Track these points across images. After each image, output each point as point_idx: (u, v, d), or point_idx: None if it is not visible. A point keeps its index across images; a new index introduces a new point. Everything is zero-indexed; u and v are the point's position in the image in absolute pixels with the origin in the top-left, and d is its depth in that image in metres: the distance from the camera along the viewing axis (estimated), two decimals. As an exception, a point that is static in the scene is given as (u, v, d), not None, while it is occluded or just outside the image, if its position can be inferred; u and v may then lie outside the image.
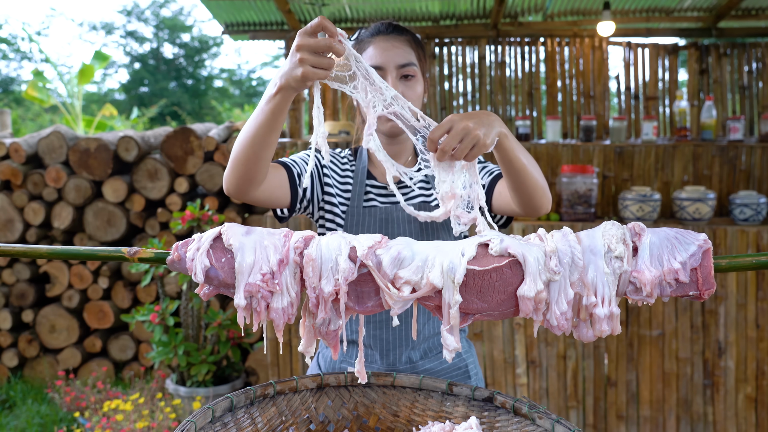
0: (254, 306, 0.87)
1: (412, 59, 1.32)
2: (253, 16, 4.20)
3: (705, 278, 0.86)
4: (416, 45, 1.35)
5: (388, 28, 1.35)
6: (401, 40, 1.33)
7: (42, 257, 0.93)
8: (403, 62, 1.30)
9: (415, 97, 1.31)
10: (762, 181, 3.37)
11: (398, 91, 1.28)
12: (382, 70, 1.30)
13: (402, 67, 1.30)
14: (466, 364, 1.40)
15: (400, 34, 1.34)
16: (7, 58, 15.49)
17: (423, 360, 1.36)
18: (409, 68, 1.30)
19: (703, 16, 4.10)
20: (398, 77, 1.30)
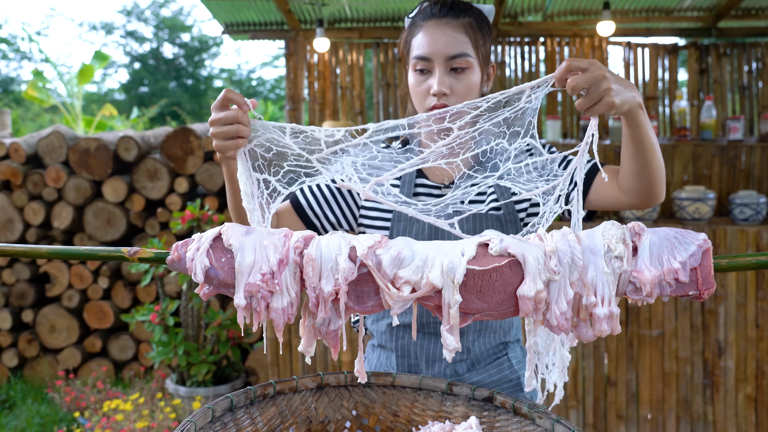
0: (254, 306, 0.87)
1: (466, 49, 1.15)
2: (253, 16, 4.19)
3: (705, 278, 0.86)
4: (476, 28, 1.18)
5: (443, 9, 1.18)
6: (455, 26, 1.16)
7: (42, 257, 0.93)
8: (453, 53, 1.15)
9: (465, 90, 1.16)
10: (762, 181, 3.37)
11: (445, 84, 1.14)
12: (429, 62, 1.16)
13: (451, 59, 1.15)
14: (518, 375, 1.27)
15: (456, 16, 1.17)
16: (7, 58, 15.49)
17: (470, 372, 1.25)
18: (460, 60, 1.15)
19: (702, 16, 4.10)
20: (447, 70, 1.16)
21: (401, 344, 1.26)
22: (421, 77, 1.18)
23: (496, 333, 1.27)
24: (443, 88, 1.15)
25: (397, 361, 1.27)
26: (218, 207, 3.86)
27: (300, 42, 4.03)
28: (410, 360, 1.26)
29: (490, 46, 1.23)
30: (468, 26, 1.17)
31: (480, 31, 1.19)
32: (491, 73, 1.25)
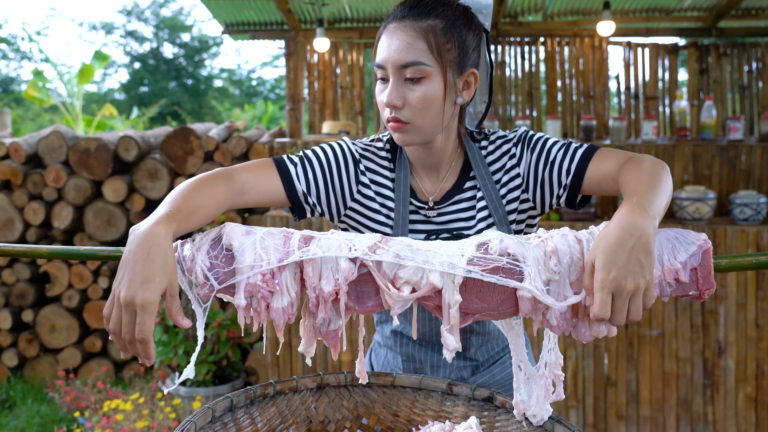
0: (254, 306, 0.87)
1: (420, 57, 1.01)
2: (253, 15, 4.20)
3: (705, 278, 0.86)
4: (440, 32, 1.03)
5: (404, 11, 1.05)
6: (413, 30, 1.02)
7: (42, 257, 0.93)
8: (404, 62, 1.02)
9: (419, 104, 1.03)
10: (762, 181, 3.37)
11: (396, 95, 1.03)
12: (384, 70, 1.05)
13: (403, 68, 1.02)
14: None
15: (418, 19, 1.03)
16: (7, 58, 15.49)
17: (474, 376, 1.24)
18: (413, 69, 1.02)
19: (703, 15, 4.10)
20: (400, 80, 1.04)
21: (405, 350, 1.25)
22: (381, 86, 1.07)
23: (497, 339, 1.26)
24: (393, 100, 1.03)
25: (403, 364, 1.27)
26: (218, 207, 3.86)
27: (300, 42, 4.03)
28: (415, 364, 1.25)
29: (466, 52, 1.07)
30: (429, 30, 1.02)
31: (446, 35, 1.03)
32: (471, 81, 1.09)
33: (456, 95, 1.08)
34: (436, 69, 1.03)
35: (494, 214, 1.11)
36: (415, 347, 1.24)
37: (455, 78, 1.07)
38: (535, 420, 0.96)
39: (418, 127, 1.06)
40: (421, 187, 1.16)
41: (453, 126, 1.13)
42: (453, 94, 1.07)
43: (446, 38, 1.04)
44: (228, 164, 3.85)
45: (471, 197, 1.14)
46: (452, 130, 1.14)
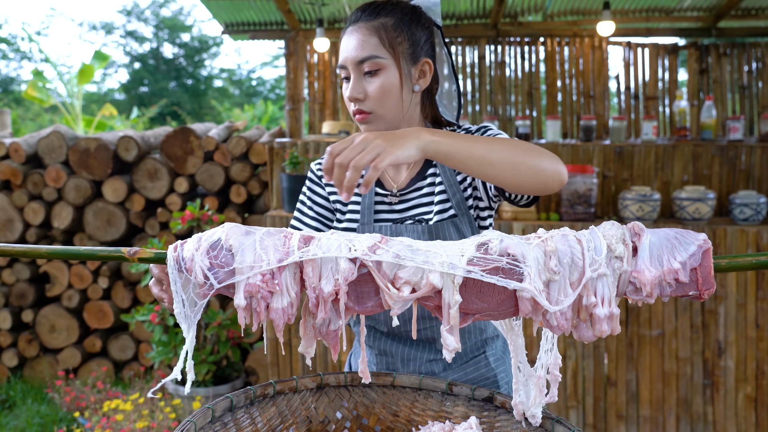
0: (254, 306, 0.87)
1: (374, 51, 1.14)
2: (253, 16, 4.19)
3: (705, 278, 0.86)
4: (391, 28, 1.15)
5: (358, 14, 1.18)
6: (366, 29, 1.15)
7: (42, 257, 0.93)
8: (361, 57, 1.14)
9: (379, 94, 1.15)
10: (762, 181, 3.37)
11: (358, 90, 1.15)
12: (345, 69, 1.17)
13: (360, 63, 1.14)
14: (495, 374, 1.28)
15: (369, 19, 1.16)
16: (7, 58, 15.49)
17: (446, 371, 1.27)
18: (369, 63, 1.14)
19: (702, 15, 4.10)
20: (360, 75, 1.15)
21: (378, 345, 1.30)
22: (345, 85, 1.20)
23: (471, 332, 1.27)
24: (355, 93, 1.16)
25: (377, 358, 1.31)
26: (218, 207, 3.86)
27: (300, 42, 4.03)
28: (387, 358, 1.29)
29: (418, 44, 1.18)
30: (380, 27, 1.15)
31: (396, 30, 1.15)
32: (426, 70, 1.20)
33: (412, 83, 1.19)
34: (390, 61, 1.15)
35: (452, 199, 1.21)
36: (386, 341, 1.28)
37: (409, 68, 1.18)
38: (533, 420, 0.96)
39: (380, 116, 1.17)
40: (387, 177, 1.27)
41: (415, 115, 1.24)
42: (409, 83, 1.18)
43: (396, 33, 1.15)
44: (228, 164, 3.85)
45: (431, 183, 1.23)
46: (415, 121, 1.24)
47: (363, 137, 0.88)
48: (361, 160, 0.86)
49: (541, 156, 0.99)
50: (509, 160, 0.95)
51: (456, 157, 0.93)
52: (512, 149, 0.97)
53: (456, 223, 1.20)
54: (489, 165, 0.94)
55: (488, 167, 0.95)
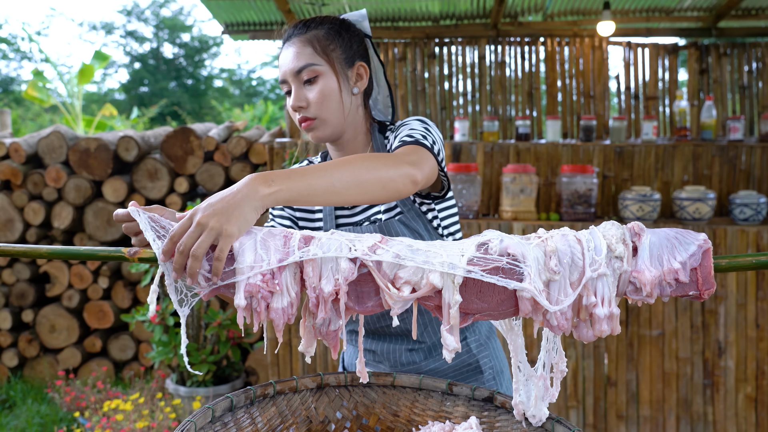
0: (254, 306, 0.87)
1: (310, 59, 1.20)
2: (253, 16, 4.20)
3: (705, 278, 0.86)
4: (323, 38, 1.22)
5: (290, 31, 1.25)
6: (299, 42, 1.21)
7: (42, 257, 0.93)
8: (298, 67, 1.20)
9: (321, 98, 1.20)
10: (762, 181, 3.37)
11: (300, 98, 1.20)
12: (286, 83, 1.22)
13: (299, 73, 1.20)
14: (477, 360, 1.32)
15: (301, 34, 1.23)
16: (7, 58, 15.49)
17: (427, 360, 1.31)
18: (307, 71, 1.19)
19: (703, 15, 4.10)
20: (300, 84, 1.21)
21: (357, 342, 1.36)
22: (289, 98, 1.24)
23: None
24: (297, 102, 1.21)
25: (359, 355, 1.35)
26: (218, 207, 3.86)
27: (300, 42, 4.03)
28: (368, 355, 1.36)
29: (352, 49, 1.25)
30: (312, 38, 1.21)
31: (328, 39, 1.22)
32: (362, 73, 1.26)
33: (351, 86, 1.25)
34: (326, 67, 1.20)
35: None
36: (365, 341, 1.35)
37: (345, 71, 1.23)
38: (534, 420, 0.96)
39: (324, 120, 1.22)
40: None
41: (359, 120, 1.29)
42: (347, 86, 1.24)
43: (329, 41, 1.22)
44: (228, 164, 3.85)
45: None
46: (359, 124, 1.29)
47: (198, 219, 0.84)
48: (200, 248, 0.83)
49: (385, 166, 1.00)
50: (353, 181, 0.96)
51: (298, 199, 0.92)
52: (355, 169, 0.97)
53: (403, 220, 1.25)
54: (334, 194, 0.95)
55: (334, 196, 0.95)
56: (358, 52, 1.26)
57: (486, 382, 1.33)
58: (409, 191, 1.03)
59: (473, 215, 3.17)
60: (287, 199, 0.91)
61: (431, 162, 1.11)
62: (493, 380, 1.33)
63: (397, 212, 1.27)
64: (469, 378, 1.32)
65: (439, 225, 1.29)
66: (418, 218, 1.26)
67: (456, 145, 3.38)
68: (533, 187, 3.17)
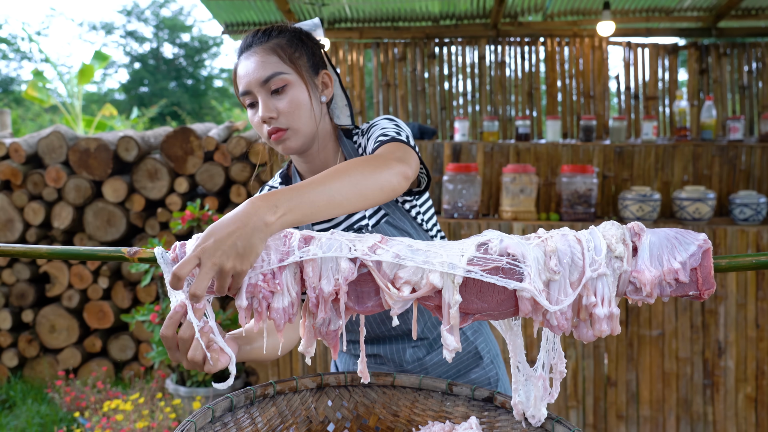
0: (255, 306, 0.87)
1: (277, 68, 1.14)
2: (253, 16, 4.20)
3: (705, 278, 0.86)
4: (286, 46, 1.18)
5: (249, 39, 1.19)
6: (263, 50, 1.16)
7: (42, 257, 0.93)
8: (265, 77, 1.14)
9: (292, 108, 1.15)
10: (762, 181, 3.37)
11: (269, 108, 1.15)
12: (251, 94, 1.16)
13: (265, 83, 1.14)
14: (475, 345, 1.33)
15: (262, 42, 1.17)
16: (7, 58, 15.49)
17: (430, 354, 1.31)
18: (275, 80, 1.14)
19: (703, 16, 4.10)
20: (267, 94, 1.15)
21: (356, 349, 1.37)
22: (252, 110, 1.18)
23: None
24: (267, 113, 1.15)
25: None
26: (218, 207, 3.86)
27: (300, 42, 4.03)
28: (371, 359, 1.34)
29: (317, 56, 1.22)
30: (276, 47, 1.16)
31: (291, 47, 1.18)
32: (327, 81, 1.23)
33: (319, 94, 1.22)
34: (294, 75, 1.16)
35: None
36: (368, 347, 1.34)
37: (312, 79, 1.20)
38: (533, 421, 0.97)
39: (296, 130, 1.17)
40: None
41: (327, 128, 1.26)
42: (316, 93, 1.21)
43: (293, 48, 1.18)
44: (228, 164, 3.85)
45: None
46: (326, 133, 1.26)
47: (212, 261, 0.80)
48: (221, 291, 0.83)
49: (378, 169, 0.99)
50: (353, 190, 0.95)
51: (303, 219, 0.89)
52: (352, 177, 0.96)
53: (390, 221, 1.24)
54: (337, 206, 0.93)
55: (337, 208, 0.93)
56: (321, 61, 1.24)
57: (486, 366, 1.34)
58: (403, 188, 1.03)
59: (473, 215, 3.17)
60: (293, 221, 0.88)
61: (414, 156, 1.10)
62: (491, 363, 1.35)
63: (383, 215, 1.25)
64: (471, 365, 1.33)
65: (423, 220, 1.29)
66: (403, 218, 1.26)
67: (456, 145, 3.38)
68: (533, 187, 3.17)
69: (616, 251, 0.85)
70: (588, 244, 0.87)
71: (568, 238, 0.88)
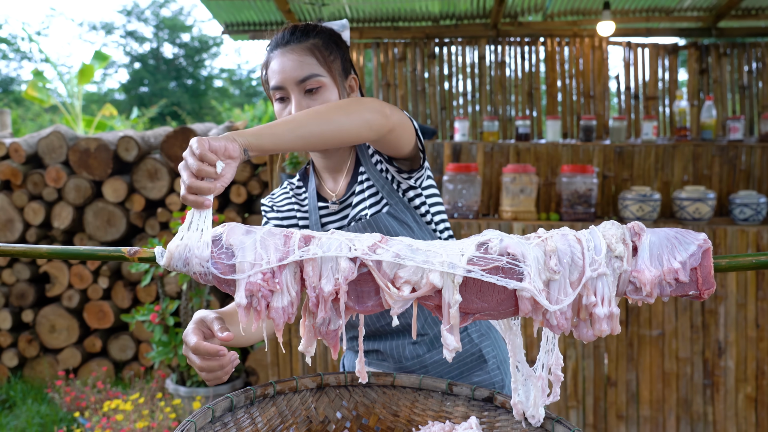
0: (254, 305, 0.87)
1: (314, 70, 1.19)
2: (253, 16, 4.20)
3: (705, 278, 0.86)
4: (322, 48, 1.22)
5: (287, 36, 1.22)
6: (300, 49, 1.20)
7: (42, 257, 0.93)
8: (302, 76, 1.18)
9: None
10: (762, 181, 3.37)
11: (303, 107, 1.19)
12: (284, 89, 1.20)
13: (302, 82, 1.19)
14: (479, 348, 1.31)
15: (300, 41, 1.21)
16: (7, 58, 15.49)
17: (431, 352, 1.30)
18: (311, 81, 1.19)
19: (703, 15, 4.10)
20: (302, 93, 1.19)
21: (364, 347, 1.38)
22: (282, 105, 1.22)
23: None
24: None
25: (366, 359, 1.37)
26: (218, 207, 3.86)
27: (300, 42, 4.03)
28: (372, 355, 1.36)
29: (347, 60, 1.27)
30: (313, 47, 1.21)
31: (327, 49, 1.22)
32: (353, 85, 1.28)
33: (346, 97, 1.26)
34: (328, 78, 1.21)
35: (381, 191, 1.28)
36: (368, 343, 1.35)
37: (343, 83, 1.25)
38: (533, 421, 0.96)
39: None
40: (327, 190, 1.35)
41: None
42: (344, 96, 1.25)
43: (329, 51, 1.23)
44: (228, 164, 3.85)
45: (361, 182, 1.31)
46: None
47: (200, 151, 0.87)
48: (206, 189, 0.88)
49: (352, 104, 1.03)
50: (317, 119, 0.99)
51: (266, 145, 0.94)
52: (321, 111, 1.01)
53: (391, 212, 1.27)
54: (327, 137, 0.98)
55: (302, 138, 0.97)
56: (350, 65, 1.28)
57: (491, 371, 1.31)
58: (380, 125, 1.05)
59: (473, 215, 3.17)
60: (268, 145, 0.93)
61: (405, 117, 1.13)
62: (497, 369, 1.32)
63: (384, 204, 1.27)
64: (474, 368, 1.31)
65: (428, 212, 1.30)
66: (406, 210, 1.28)
67: (456, 145, 3.38)
68: (533, 187, 3.17)
69: (616, 251, 0.85)
70: (588, 244, 0.87)
71: (568, 237, 0.88)
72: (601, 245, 0.86)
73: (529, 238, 0.90)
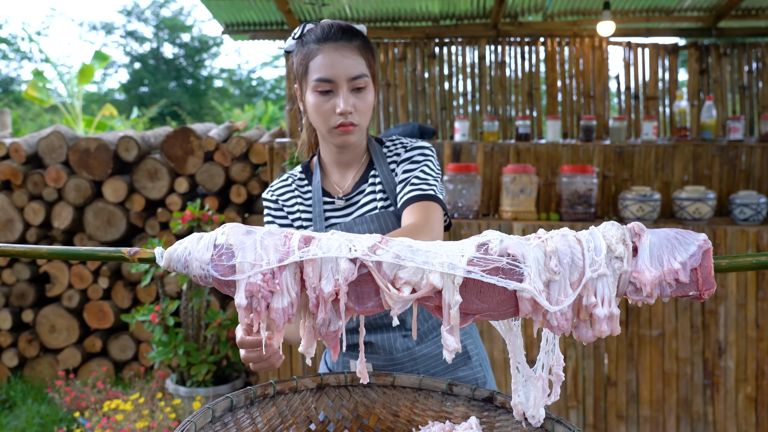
0: (254, 306, 0.87)
1: (363, 70, 1.27)
2: (253, 16, 4.20)
3: (705, 278, 0.86)
4: (366, 50, 1.30)
5: (337, 33, 1.27)
6: (352, 48, 1.27)
7: (42, 257, 0.93)
8: (355, 74, 1.26)
9: (367, 108, 1.29)
10: (762, 181, 3.37)
11: (350, 104, 1.26)
12: (333, 83, 1.25)
13: (354, 80, 1.26)
14: (464, 345, 1.39)
15: (350, 39, 1.28)
16: (7, 58, 15.49)
17: (420, 345, 1.36)
18: (360, 80, 1.26)
19: (703, 16, 4.10)
20: (350, 90, 1.26)
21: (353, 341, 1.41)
22: (324, 97, 1.27)
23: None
24: (347, 107, 1.26)
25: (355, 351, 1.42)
26: (218, 207, 3.86)
27: (300, 42, 4.03)
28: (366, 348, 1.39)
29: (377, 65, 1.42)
30: (361, 48, 1.28)
31: (370, 51, 1.31)
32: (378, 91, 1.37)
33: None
34: (370, 79, 1.29)
35: (391, 196, 1.35)
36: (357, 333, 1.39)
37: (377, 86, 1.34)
38: (533, 421, 0.97)
39: (361, 128, 1.31)
40: (332, 184, 1.41)
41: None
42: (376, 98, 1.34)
43: (371, 54, 1.32)
44: (228, 164, 3.85)
45: (372, 183, 1.37)
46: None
47: None
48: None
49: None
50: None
51: None
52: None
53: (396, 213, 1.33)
54: None
55: None
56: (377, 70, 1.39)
57: (474, 367, 1.39)
58: None
59: (473, 215, 3.17)
60: None
61: (439, 213, 1.26)
62: (479, 366, 1.40)
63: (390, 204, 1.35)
64: (459, 363, 1.38)
65: None
66: None
67: (456, 145, 3.38)
68: (533, 187, 3.17)
69: (617, 251, 0.85)
70: (588, 245, 0.86)
71: (568, 238, 0.88)
72: (602, 246, 0.86)
73: (529, 238, 0.90)
